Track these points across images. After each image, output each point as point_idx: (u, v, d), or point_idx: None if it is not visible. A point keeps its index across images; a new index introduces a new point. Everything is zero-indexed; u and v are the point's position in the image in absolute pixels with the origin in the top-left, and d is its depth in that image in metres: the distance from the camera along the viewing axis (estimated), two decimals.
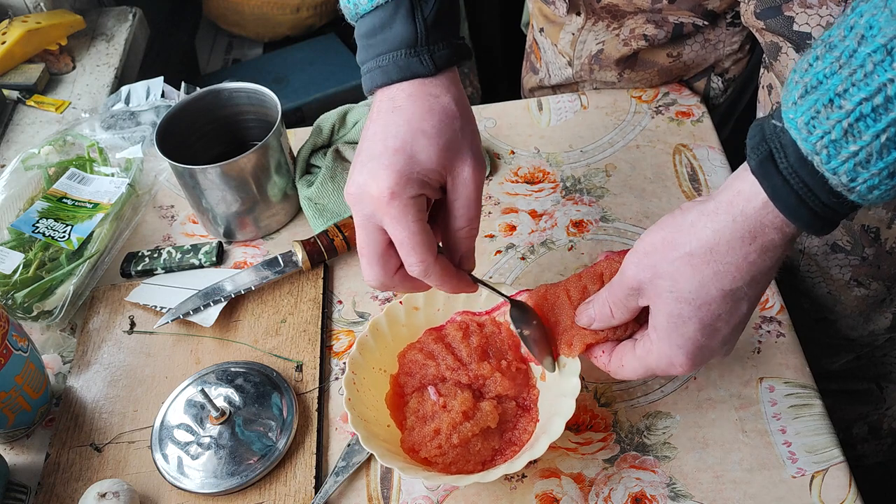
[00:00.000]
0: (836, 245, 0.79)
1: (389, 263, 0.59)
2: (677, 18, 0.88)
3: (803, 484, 0.63)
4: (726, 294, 0.50)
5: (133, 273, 0.86)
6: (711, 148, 0.90)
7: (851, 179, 0.42)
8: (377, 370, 0.68)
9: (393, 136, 0.56)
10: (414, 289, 0.61)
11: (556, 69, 1.00)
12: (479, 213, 0.60)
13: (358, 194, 0.57)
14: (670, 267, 0.50)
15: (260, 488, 0.67)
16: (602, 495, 0.64)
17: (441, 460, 0.62)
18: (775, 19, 0.72)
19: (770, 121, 0.46)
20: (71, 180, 0.92)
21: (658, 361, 0.54)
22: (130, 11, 1.32)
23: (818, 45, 0.43)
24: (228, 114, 0.90)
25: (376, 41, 0.59)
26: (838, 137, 0.41)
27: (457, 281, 0.60)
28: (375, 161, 0.56)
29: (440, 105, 0.58)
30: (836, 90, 0.41)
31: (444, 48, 0.59)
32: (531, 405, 0.66)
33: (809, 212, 0.45)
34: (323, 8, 1.67)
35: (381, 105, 0.59)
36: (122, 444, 0.72)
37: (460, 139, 0.58)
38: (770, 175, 0.45)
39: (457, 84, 0.60)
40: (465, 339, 0.67)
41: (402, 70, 0.58)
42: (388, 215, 0.56)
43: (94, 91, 1.17)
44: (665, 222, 0.52)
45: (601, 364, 0.60)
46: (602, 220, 0.84)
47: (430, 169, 0.56)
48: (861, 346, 0.91)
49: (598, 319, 0.58)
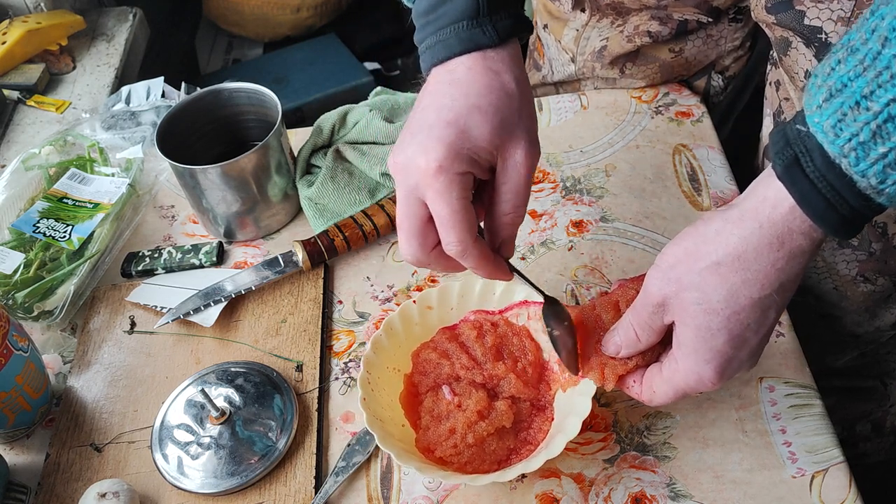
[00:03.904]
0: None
1: (428, 240, 0.57)
2: (682, 15, 0.88)
3: (803, 484, 0.63)
4: (755, 302, 0.49)
5: (133, 273, 0.86)
6: (711, 148, 0.90)
7: (881, 181, 0.42)
8: (391, 369, 0.68)
9: (448, 109, 0.54)
10: (449, 268, 0.59)
11: (560, 66, 1.00)
12: (527, 200, 0.58)
13: (404, 164, 0.55)
14: (697, 278, 0.49)
15: (260, 488, 0.67)
16: (602, 495, 0.64)
17: (456, 460, 0.62)
18: (786, 13, 0.72)
19: (793, 125, 0.45)
20: (71, 180, 0.92)
21: (686, 379, 0.53)
22: (130, 11, 1.32)
23: (838, 49, 0.43)
24: (228, 114, 0.90)
25: (437, 16, 0.57)
26: (867, 139, 0.41)
27: (493, 266, 0.58)
28: (426, 132, 0.54)
29: (500, 82, 0.56)
30: (863, 92, 0.40)
31: (506, 17, 0.57)
32: (546, 405, 0.66)
33: (837, 216, 0.44)
34: (323, 8, 1.67)
35: (438, 77, 0.57)
36: (122, 444, 0.72)
37: (516, 120, 0.56)
38: (797, 180, 0.45)
39: (518, 62, 0.58)
40: (480, 339, 0.67)
41: (464, 42, 0.56)
42: (432, 188, 0.53)
43: (95, 91, 1.17)
44: (687, 234, 0.51)
45: (635, 394, 0.58)
46: (602, 220, 0.84)
47: (481, 147, 0.54)
48: (866, 343, 0.91)
49: (624, 346, 0.56)
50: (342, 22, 1.72)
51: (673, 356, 0.54)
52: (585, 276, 0.79)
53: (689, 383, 0.53)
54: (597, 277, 0.79)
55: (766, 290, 0.48)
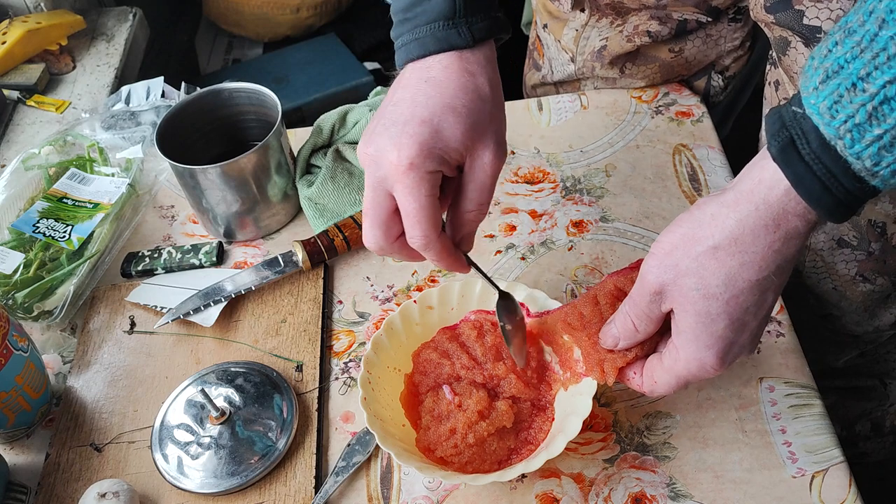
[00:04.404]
0: (843, 240, 0.79)
1: (392, 230, 0.58)
2: (681, 15, 0.88)
3: (803, 484, 0.63)
4: (754, 285, 0.49)
5: (133, 273, 0.86)
6: (711, 148, 0.90)
7: (875, 163, 0.42)
8: (392, 369, 0.68)
9: (422, 106, 0.55)
10: (409, 258, 0.61)
11: (559, 65, 1.00)
12: (490, 199, 0.59)
13: (375, 156, 0.56)
14: (694, 263, 0.49)
15: (260, 488, 0.67)
16: (602, 495, 0.64)
17: (457, 460, 0.62)
18: (785, 13, 0.72)
19: (789, 107, 0.45)
20: (71, 180, 0.92)
21: (688, 367, 0.53)
22: (130, 11, 1.32)
23: (835, 31, 0.43)
24: (228, 114, 0.90)
25: (414, 14, 0.58)
26: (862, 121, 0.41)
27: (453, 260, 0.60)
28: (399, 127, 0.55)
29: (474, 84, 0.57)
30: (859, 74, 0.40)
31: (482, 20, 0.58)
32: (547, 405, 0.66)
33: (832, 198, 0.44)
34: (323, 8, 1.67)
35: (413, 73, 0.58)
36: (122, 444, 0.72)
37: (487, 122, 0.57)
38: (792, 162, 0.45)
39: (493, 64, 0.59)
40: (480, 339, 0.68)
41: (440, 41, 0.57)
42: (401, 183, 0.55)
43: (95, 91, 1.17)
44: (682, 219, 0.51)
45: (636, 386, 0.58)
46: (602, 220, 0.84)
47: (452, 147, 0.56)
48: (865, 343, 0.91)
49: (623, 337, 0.57)
50: (342, 22, 1.71)
51: (673, 344, 0.54)
52: (585, 276, 0.79)
53: (692, 370, 0.53)
54: (597, 277, 0.79)
55: (764, 272, 0.48)
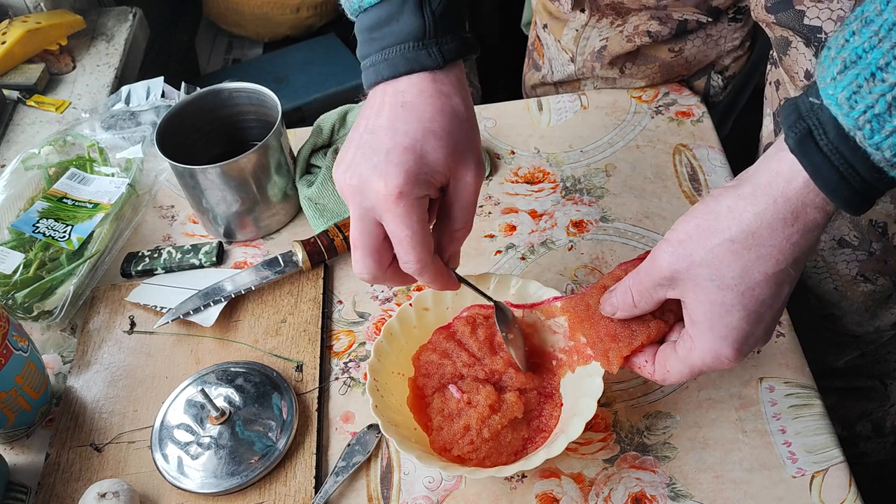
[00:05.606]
0: (843, 240, 0.79)
1: (384, 258, 0.58)
2: (682, 15, 0.88)
3: (803, 484, 0.63)
4: (770, 278, 0.48)
5: (133, 273, 0.86)
6: (711, 148, 0.90)
7: (895, 154, 0.42)
8: (395, 374, 0.68)
9: (403, 133, 0.55)
10: (401, 283, 0.61)
11: (559, 65, 1.00)
12: (474, 215, 0.60)
13: (359, 187, 0.56)
14: (709, 255, 0.49)
15: (260, 488, 0.67)
16: (602, 495, 0.64)
17: (474, 456, 0.62)
18: (786, 13, 0.72)
19: (806, 98, 0.45)
20: (71, 180, 0.92)
21: (703, 357, 0.53)
22: (130, 11, 1.32)
23: (851, 21, 0.43)
24: (228, 114, 0.90)
25: (381, 34, 0.58)
26: (882, 111, 0.41)
27: (446, 279, 0.60)
28: (382, 156, 0.55)
29: (451, 106, 0.57)
30: (878, 63, 0.40)
31: (452, 41, 0.58)
32: (553, 391, 0.66)
33: (850, 189, 0.44)
34: (323, 8, 1.67)
35: (387, 98, 0.58)
36: (122, 444, 0.72)
37: (466, 142, 0.58)
38: (810, 153, 0.44)
39: (463, 83, 0.60)
40: (473, 333, 0.68)
41: (410, 62, 0.57)
42: (391, 213, 0.55)
43: (94, 91, 1.17)
44: (697, 210, 0.51)
45: (647, 374, 0.58)
46: (602, 220, 0.84)
47: (437, 171, 0.56)
48: (866, 343, 0.91)
49: (620, 308, 0.57)
50: (342, 22, 1.72)
51: (687, 334, 0.54)
52: (585, 276, 0.79)
53: (707, 361, 0.53)
54: (597, 277, 0.79)
55: (781, 265, 0.48)
